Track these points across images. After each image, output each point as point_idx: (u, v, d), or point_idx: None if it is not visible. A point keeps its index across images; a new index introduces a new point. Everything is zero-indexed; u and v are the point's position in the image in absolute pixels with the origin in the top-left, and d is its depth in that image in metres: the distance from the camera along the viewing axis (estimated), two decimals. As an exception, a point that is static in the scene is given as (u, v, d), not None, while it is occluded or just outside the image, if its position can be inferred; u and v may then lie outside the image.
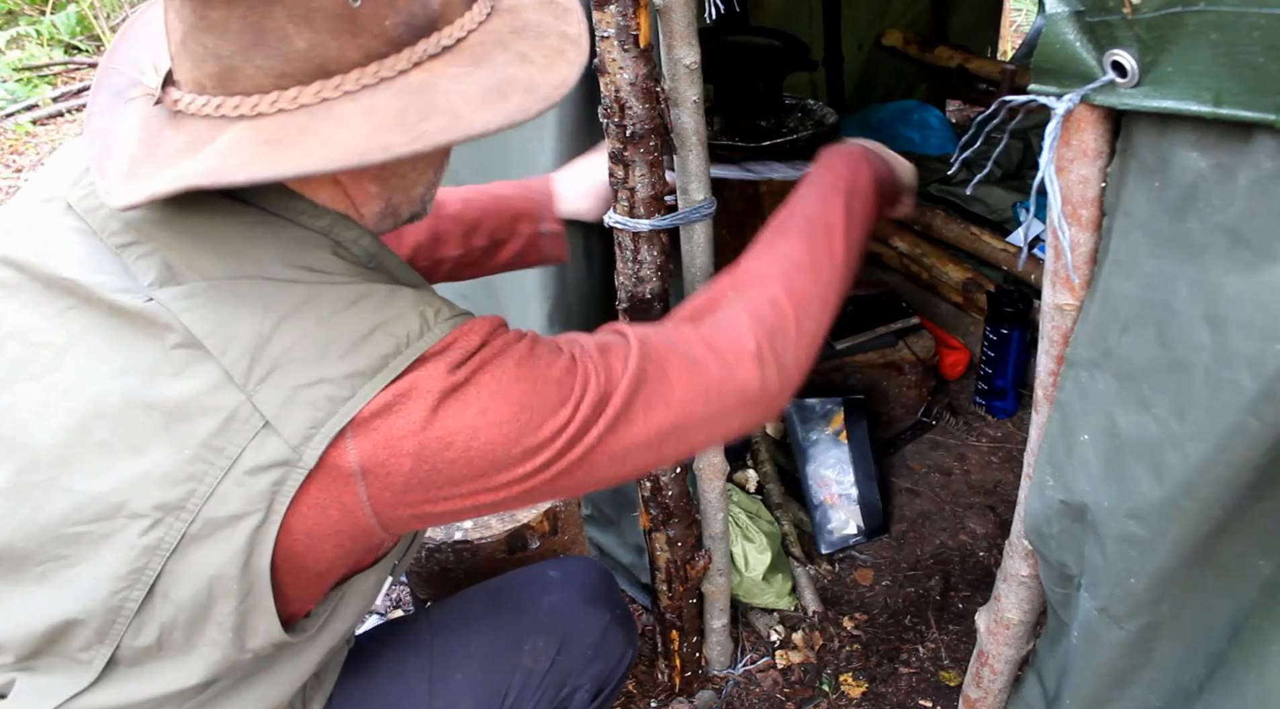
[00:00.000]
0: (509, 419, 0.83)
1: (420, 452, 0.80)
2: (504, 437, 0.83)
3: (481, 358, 0.84)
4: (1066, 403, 0.99)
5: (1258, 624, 0.91)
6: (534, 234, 1.38)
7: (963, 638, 1.96)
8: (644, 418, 0.90)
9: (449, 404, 0.81)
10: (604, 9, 1.14)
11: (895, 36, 3.54)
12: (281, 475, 0.78)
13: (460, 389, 0.82)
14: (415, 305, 0.84)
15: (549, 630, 1.20)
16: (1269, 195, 0.71)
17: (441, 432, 0.81)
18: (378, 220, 0.95)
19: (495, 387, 0.83)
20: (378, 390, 0.79)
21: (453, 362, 0.82)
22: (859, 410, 2.30)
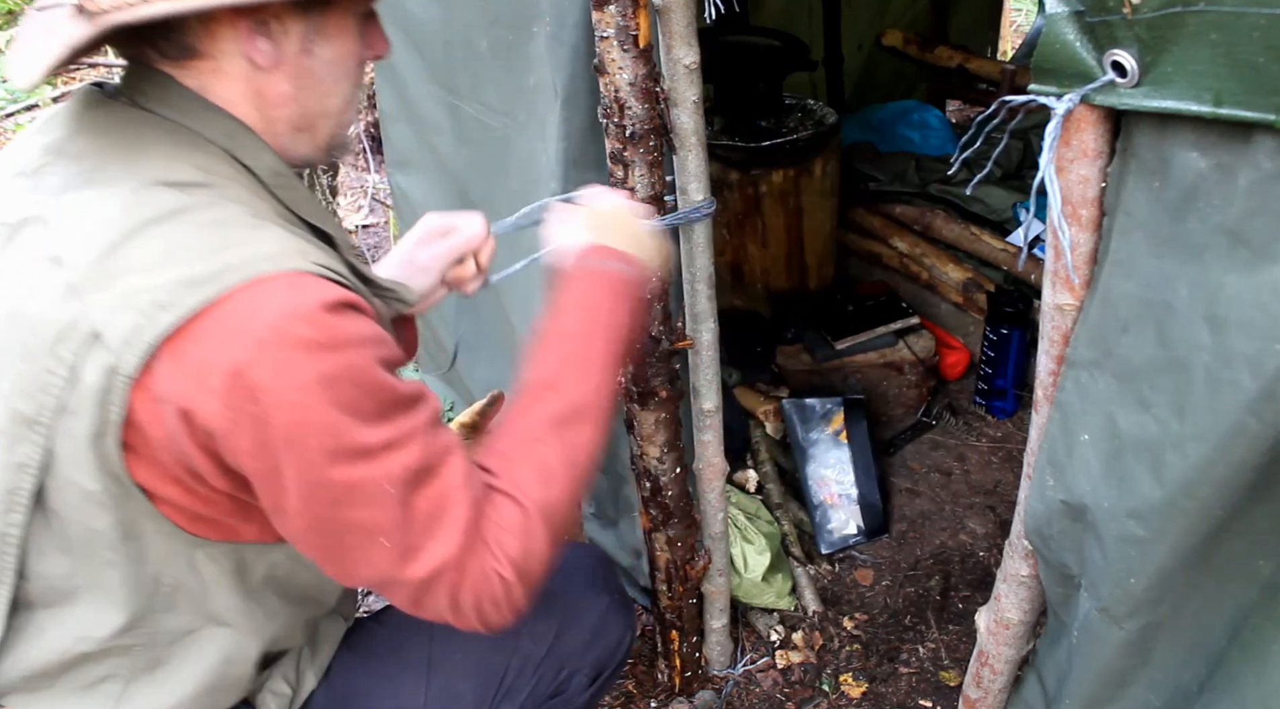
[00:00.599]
0: (322, 399, 0.78)
1: (226, 392, 0.76)
2: (310, 416, 0.78)
3: (338, 322, 0.80)
4: (1066, 403, 0.99)
5: (1258, 624, 0.91)
6: None
7: (963, 638, 1.96)
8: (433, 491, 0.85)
9: (272, 352, 0.77)
10: (604, 9, 1.14)
11: (895, 36, 3.54)
12: (107, 383, 0.77)
13: (291, 341, 0.77)
14: (282, 239, 0.82)
15: (548, 614, 1.20)
16: (1269, 195, 0.71)
17: (253, 379, 0.76)
18: (293, 131, 0.94)
19: (331, 357, 0.79)
20: (203, 302, 0.76)
21: (297, 306, 0.78)
22: (859, 410, 2.30)
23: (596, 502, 1.99)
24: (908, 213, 2.88)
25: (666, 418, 1.50)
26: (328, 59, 0.92)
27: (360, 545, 0.85)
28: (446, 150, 1.95)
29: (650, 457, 1.54)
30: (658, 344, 1.42)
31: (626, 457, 1.65)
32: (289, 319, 0.77)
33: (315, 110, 0.94)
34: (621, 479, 1.90)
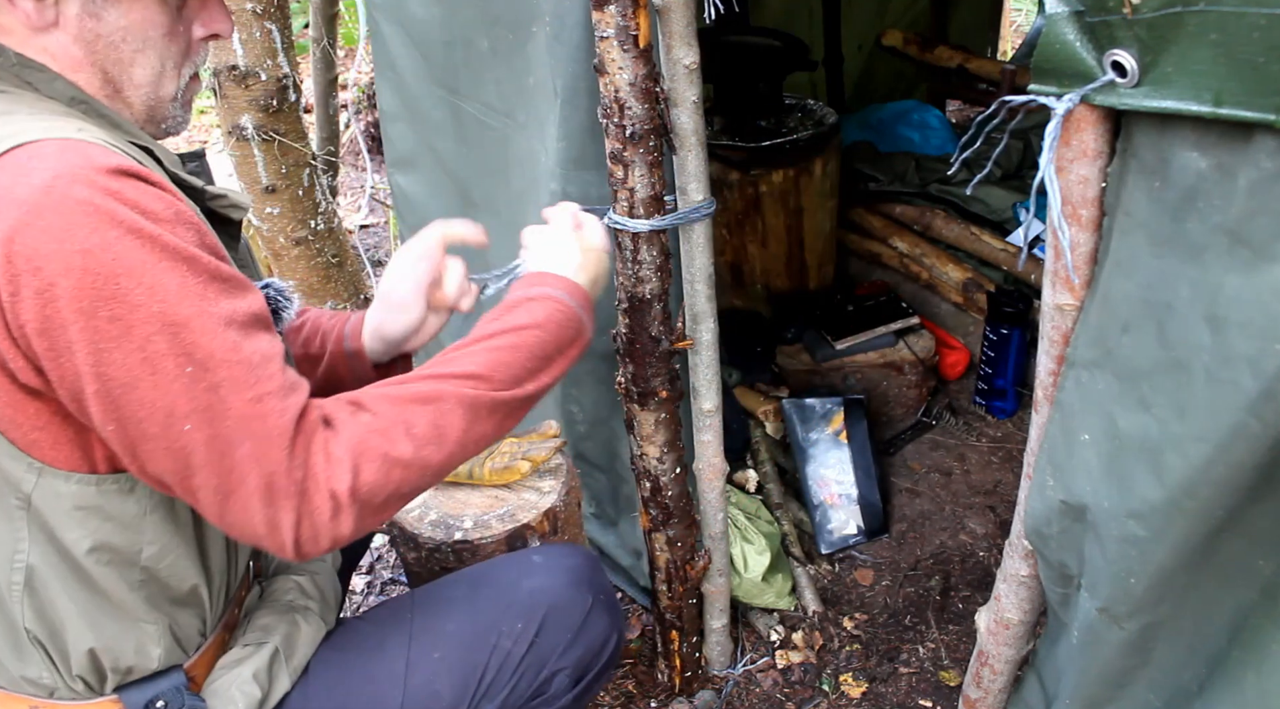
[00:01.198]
0: (111, 268, 0.75)
1: (6, 263, 0.74)
2: (96, 286, 0.75)
3: (124, 194, 0.77)
4: (1066, 403, 0.99)
5: (1258, 624, 0.91)
6: (338, 351, 1.27)
7: (963, 638, 1.96)
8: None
9: (46, 218, 0.74)
10: (604, 9, 1.14)
11: (895, 36, 3.54)
12: None
13: (69, 209, 0.75)
14: (65, 121, 0.82)
15: (528, 613, 1.19)
16: (1269, 195, 0.71)
17: (30, 246, 0.74)
18: (105, 95, 0.94)
19: (123, 233, 0.76)
20: None
21: (80, 168, 0.75)
22: (859, 410, 2.30)
23: (596, 502, 1.99)
24: (908, 213, 2.88)
25: (666, 418, 1.50)
26: (120, 26, 0.91)
27: (162, 435, 0.81)
28: (447, 150, 1.95)
29: (650, 457, 1.54)
30: (657, 344, 1.42)
31: (626, 456, 1.65)
32: (62, 180, 0.75)
33: (118, 77, 0.94)
34: (621, 479, 1.90)
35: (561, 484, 1.58)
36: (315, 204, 2.57)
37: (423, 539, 1.51)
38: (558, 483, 1.58)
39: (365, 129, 4.23)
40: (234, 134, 2.35)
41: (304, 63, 3.51)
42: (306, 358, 1.27)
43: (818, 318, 2.60)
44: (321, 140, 3.21)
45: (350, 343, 1.24)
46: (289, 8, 2.33)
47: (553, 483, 1.58)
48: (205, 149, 0.96)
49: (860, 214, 2.96)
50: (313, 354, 1.26)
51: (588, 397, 1.80)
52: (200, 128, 5.03)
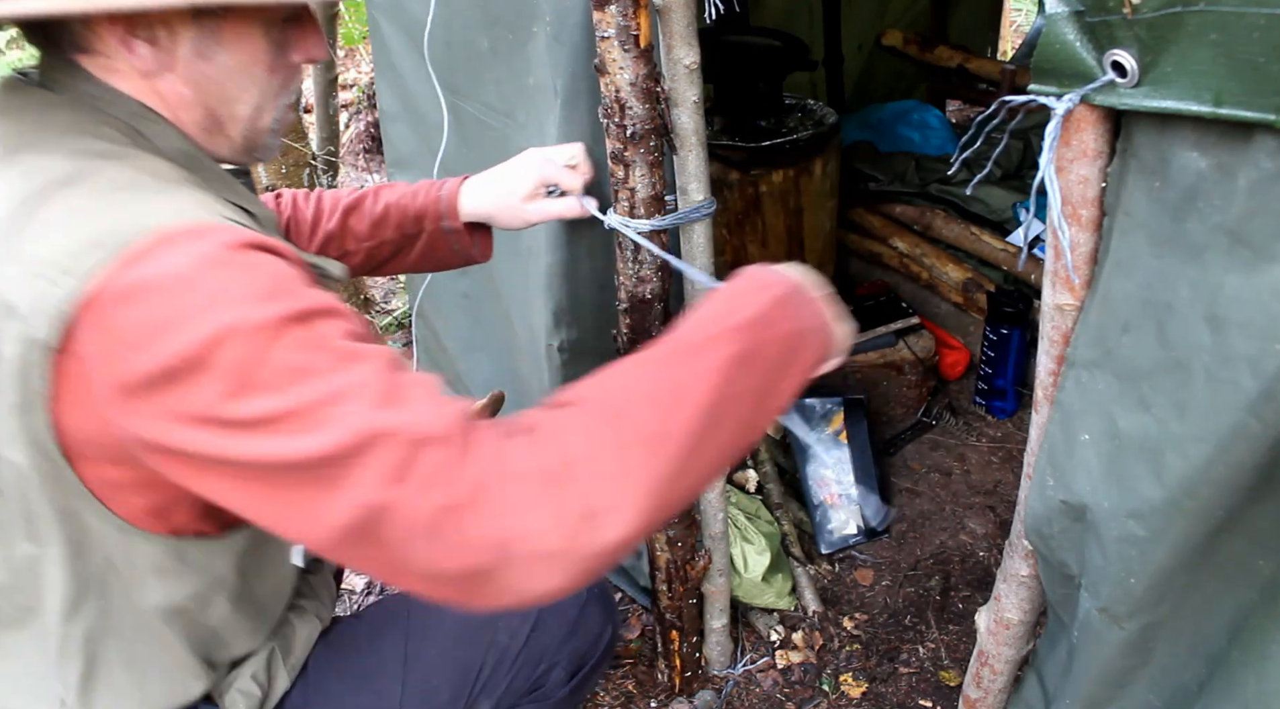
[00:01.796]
0: (246, 334, 0.72)
1: (150, 344, 0.72)
2: (229, 354, 0.71)
3: (250, 262, 0.76)
4: (1066, 403, 0.99)
5: (1258, 624, 0.91)
6: (436, 230, 1.40)
7: (963, 638, 1.96)
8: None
9: (186, 295, 0.73)
10: (604, 9, 1.14)
11: (895, 36, 3.54)
12: (25, 354, 0.76)
13: (205, 280, 0.74)
14: (193, 198, 0.82)
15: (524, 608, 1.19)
16: (1269, 195, 0.71)
17: (162, 316, 0.72)
18: (204, 132, 0.95)
19: (249, 289, 0.74)
20: (103, 263, 0.73)
21: (204, 250, 0.74)
22: (859, 410, 2.30)
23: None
24: (908, 213, 2.88)
25: (666, 418, 1.50)
26: (229, 66, 0.92)
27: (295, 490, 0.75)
28: (447, 150, 1.95)
29: (650, 456, 1.54)
30: (658, 344, 1.42)
31: (626, 456, 1.65)
32: (198, 264, 0.74)
33: (222, 114, 0.95)
34: (621, 479, 1.89)
35: (561, 484, 1.58)
36: (315, 204, 2.57)
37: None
38: (558, 483, 1.58)
39: (365, 129, 4.22)
40: (234, 134, 2.34)
41: (304, 63, 3.51)
42: (403, 238, 1.41)
43: (818, 318, 2.60)
44: (321, 140, 3.21)
45: (449, 222, 1.40)
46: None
47: (553, 483, 1.58)
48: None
49: (860, 214, 2.96)
50: (409, 234, 1.41)
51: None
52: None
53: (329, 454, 0.70)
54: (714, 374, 0.80)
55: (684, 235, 1.38)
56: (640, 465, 0.75)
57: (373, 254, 1.42)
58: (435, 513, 0.70)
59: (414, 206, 1.40)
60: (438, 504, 0.70)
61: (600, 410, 0.78)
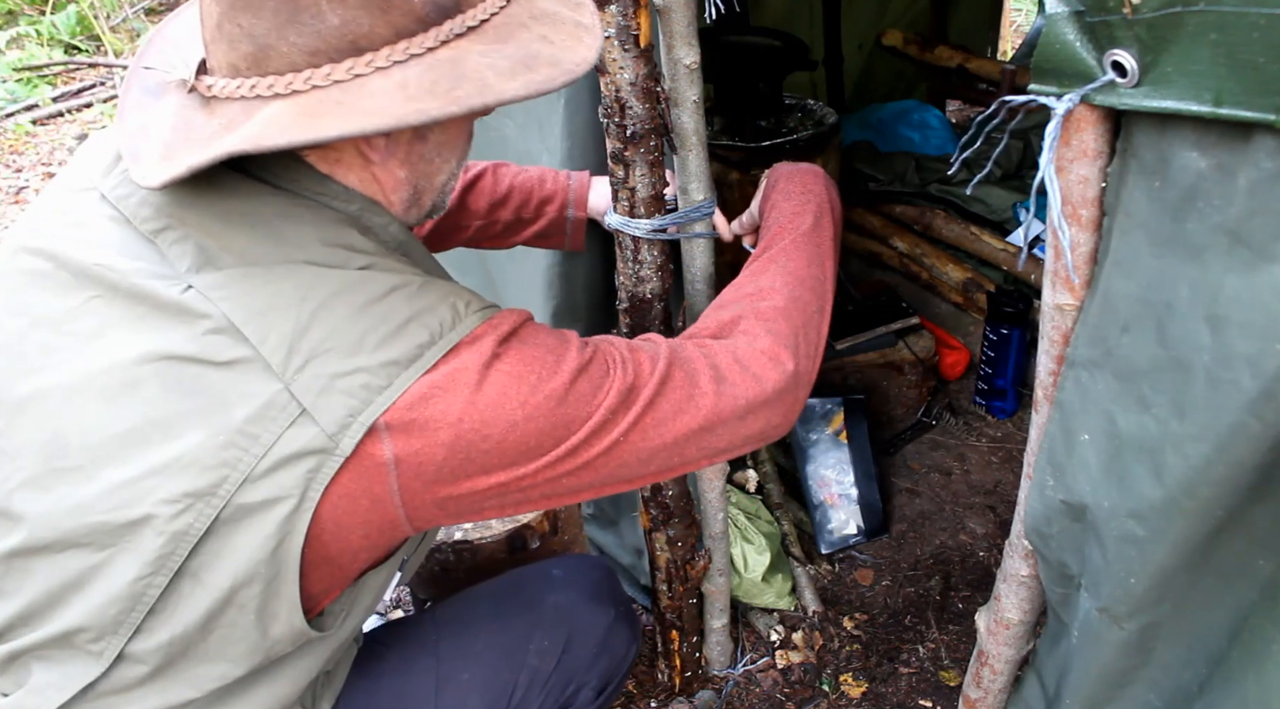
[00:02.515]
0: (541, 406, 0.85)
1: (455, 441, 0.82)
2: (536, 424, 0.85)
3: (516, 349, 0.86)
4: (1066, 403, 0.99)
5: (1258, 624, 0.91)
6: (559, 217, 1.45)
7: (963, 638, 1.96)
8: (672, 418, 0.93)
9: (484, 394, 0.82)
10: (604, 9, 1.14)
11: (895, 36, 3.54)
12: (317, 463, 0.79)
13: (494, 379, 0.83)
14: (447, 297, 0.86)
15: (555, 629, 1.20)
16: (1269, 195, 0.71)
17: (477, 421, 0.82)
18: (405, 209, 0.97)
19: (530, 376, 0.85)
20: (413, 380, 0.80)
21: (485, 353, 0.84)
22: (859, 410, 2.30)
23: (596, 502, 1.99)
24: (908, 213, 2.88)
25: (666, 418, 1.50)
26: (440, 142, 0.94)
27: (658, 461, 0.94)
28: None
29: (650, 456, 1.54)
30: (658, 344, 1.42)
31: (626, 456, 1.65)
32: (489, 360, 0.83)
33: (424, 187, 0.97)
34: (621, 479, 1.89)
35: (562, 484, 1.58)
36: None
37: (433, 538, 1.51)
38: (558, 483, 1.58)
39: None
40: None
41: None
42: (518, 221, 1.46)
43: (818, 318, 2.60)
44: (322, 140, 3.20)
45: (575, 211, 1.44)
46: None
47: (553, 483, 1.58)
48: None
49: (860, 214, 2.96)
50: (524, 217, 1.45)
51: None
52: (200, 128, 5.02)
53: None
54: (824, 263, 1.15)
55: (684, 235, 1.38)
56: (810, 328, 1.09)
57: (483, 231, 1.46)
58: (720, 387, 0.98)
59: (540, 192, 1.44)
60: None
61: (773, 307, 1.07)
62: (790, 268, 1.12)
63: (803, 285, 1.10)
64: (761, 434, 1.02)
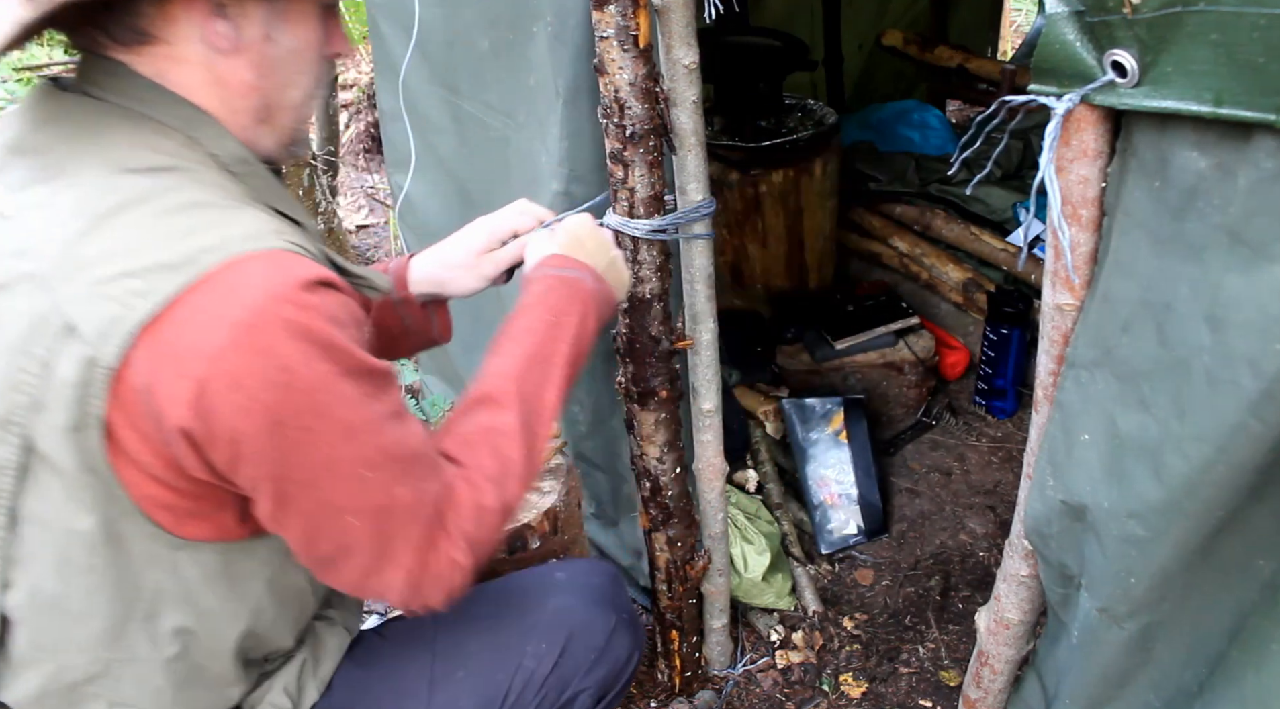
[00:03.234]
0: (306, 383, 0.78)
1: (212, 377, 0.76)
2: (290, 399, 0.78)
3: (318, 310, 0.79)
4: (1066, 403, 0.99)
5: (1258, 624, 0.91)
6: (385, 304, 1.32)
7: (963, 638, 1.96)
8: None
9: (254, 337, 0.76)
10: (604, 9, 1.14)
11: (895, 36, 3.54)
12: (86, 376, 0.76)
13: (273, 328, 0.77)
14: (257, 219, 0.82)
15: (553, 633, 1.19)
16: (1269, 195, 0.71)
17: (234, 363, 0.76)
18: (253, 122, 0.94)
19: (312, 343, 0.79)
20: (183, 287, 0.75)
21: (277, 287, 0.77)
22: (859, 410, 2.30)
23: (596, 502, 1.99)
24: (908, 213, 2.88)
25: (666, 418, 1.50)
26: (290, 48, 0.92)
27: (330, 527, 0.86)
28: (447, 150, 1.95)
29: (650, 456, 1.54)
30: (657, 344, 1.42)
31: (626, 456, 1.65)
32: (268, 300, 0.77)
33: (277, 101, 0.94)
34: (621, 479, 1.90)
35: (561, 484, 1.58)
36: (315, 204, 2.57)
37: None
38: (558, 483, 1.58)
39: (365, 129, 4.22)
40: (234, 134, 2.34)
41: (304, 63, 3.51)
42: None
43: (818, 318, 2.60)
44: (321, 140, 3.21)
45: (398, 292, 1.31)
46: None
47: (553, 483, 1.58)
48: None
49: (860, 214, 2.96)
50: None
51: (588, 396, 1.80)
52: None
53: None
54: (558, 387, 1.04)
55: (683, 235, 1.38)
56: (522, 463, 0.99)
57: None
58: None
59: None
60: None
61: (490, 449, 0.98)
62: (503, 432, 0.99)
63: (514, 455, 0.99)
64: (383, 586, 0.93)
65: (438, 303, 1.34)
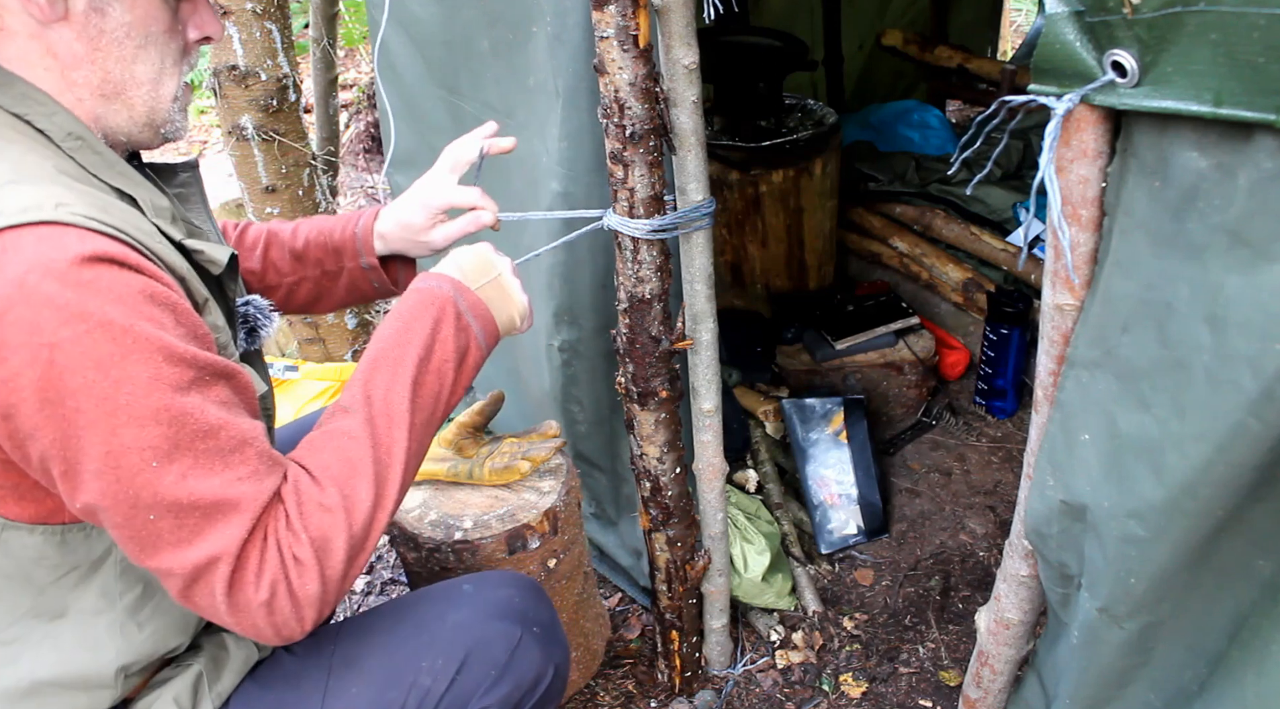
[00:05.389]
0: (80, 362, 0.77)
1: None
2: (63, 379, 0.77)
3: (95, 284, 0.78)
4: (1067, 403, 0.99)
5: (1258, 624, 0.91)
6: (355, 268, 1.37)
7: (963, 638, 1.96)
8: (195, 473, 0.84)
9: (17, 313, 0.75)
10: (603, 9, 1.14)
11: (895, 36, 3.54)
12: None
13: (40, 304, 0.75)
14: (37, 191, 0.81)
15: (450, 649, 1.13)
16: (1269, 195, 0.71)
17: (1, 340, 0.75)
18: (99, 101, 0.94)
19: (91, 326, 0.77)
20: None
21: (52, 262, 0.76)
22: (859, 410, 2.30)
23: (596, 501, 1.99)
24: (908, 213, 2.88)
25: (666, 418, 1.50)
26: (125, 21, 0.92)
27: (123, 521, 0.83)
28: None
29: (650, 457, 1.54)
30: (657, 344, 1.42)
31: (626, 456, 1.65)
32: (35, 274, 0.76)
33: (121, 76, 0.94)
34: (621, 479, 1.90)
35: (561, 484, 1.58)
36: (315, 204, 2.57)
37: (422, 539, 1.51)
38: (558, 483, 1.58)
39: (365, 129, 4.22)
40: (234, 134, 2.35)
41: (304, 63, 3.51)
42: (324, 275, 1.38)
43: (818, 318, 2.60)
44: (321, 140, 3.21)
45: (367, 259, 1.36)
46: (289, 8, 2.33)
47: (553, 483, 1.58)
48: (199, 157, 1.02)
49: (860, 214, 2.96)
50: (329, 270, 1.38)
51: (588, 396, 1.80)
52: (200, 128, 5.03)
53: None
54: (407, 388, 1.01)
55: (683, 235, 1.38)
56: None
57: (295, 290, 1.39)
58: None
59: (333, 241, 1.37)
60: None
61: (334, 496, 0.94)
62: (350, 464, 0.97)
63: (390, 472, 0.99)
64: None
65: (405, 261, 1.40)
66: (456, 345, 1.08)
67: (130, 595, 0.98)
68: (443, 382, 1.06)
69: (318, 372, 2.36)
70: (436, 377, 1.05)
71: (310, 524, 0.90)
